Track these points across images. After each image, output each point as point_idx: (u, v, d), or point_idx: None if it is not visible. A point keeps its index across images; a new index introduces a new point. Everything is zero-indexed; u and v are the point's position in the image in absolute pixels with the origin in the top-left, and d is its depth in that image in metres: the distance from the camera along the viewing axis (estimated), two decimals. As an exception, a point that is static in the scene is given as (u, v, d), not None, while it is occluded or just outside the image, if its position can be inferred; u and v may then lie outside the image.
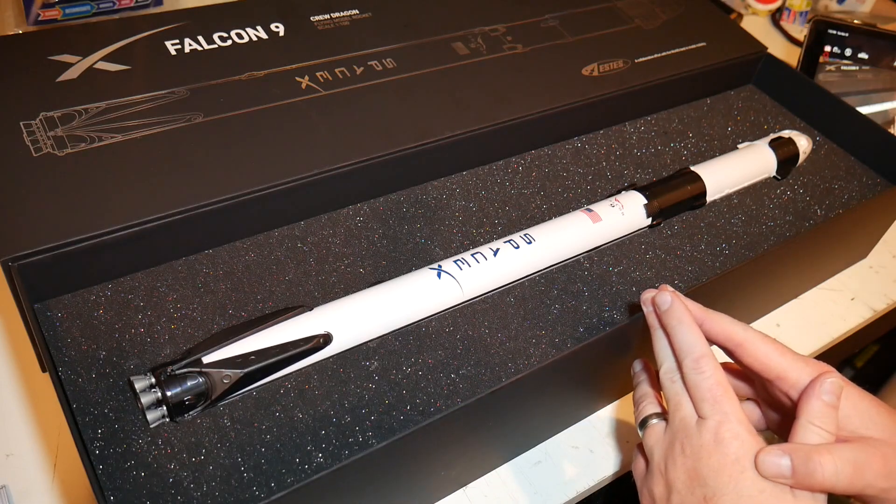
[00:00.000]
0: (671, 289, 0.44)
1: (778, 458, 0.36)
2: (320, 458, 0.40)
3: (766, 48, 0.71)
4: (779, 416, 0.44)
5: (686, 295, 0.49)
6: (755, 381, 0.45)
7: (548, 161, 0.60)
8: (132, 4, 0.82)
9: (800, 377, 0.39)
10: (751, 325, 0.62)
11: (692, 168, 0.58)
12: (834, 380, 0.38)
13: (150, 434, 0.40)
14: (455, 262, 0.48)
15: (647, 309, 0.44)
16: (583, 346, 0.44)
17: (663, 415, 0.43)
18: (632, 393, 0.46)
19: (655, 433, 0.42)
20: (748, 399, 0.46)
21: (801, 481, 0.36)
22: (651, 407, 0.44)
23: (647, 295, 0.44)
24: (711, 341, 0.42)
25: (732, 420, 0.38)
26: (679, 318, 0.41)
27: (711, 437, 0.38)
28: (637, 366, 0.48)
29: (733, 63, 0.69)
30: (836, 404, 0.38)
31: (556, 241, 0.51)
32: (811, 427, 0.37)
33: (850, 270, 0.70)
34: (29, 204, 0.44)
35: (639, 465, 0.43)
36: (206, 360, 0.40)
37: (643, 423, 0.43)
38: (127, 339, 0.44)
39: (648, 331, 0.50)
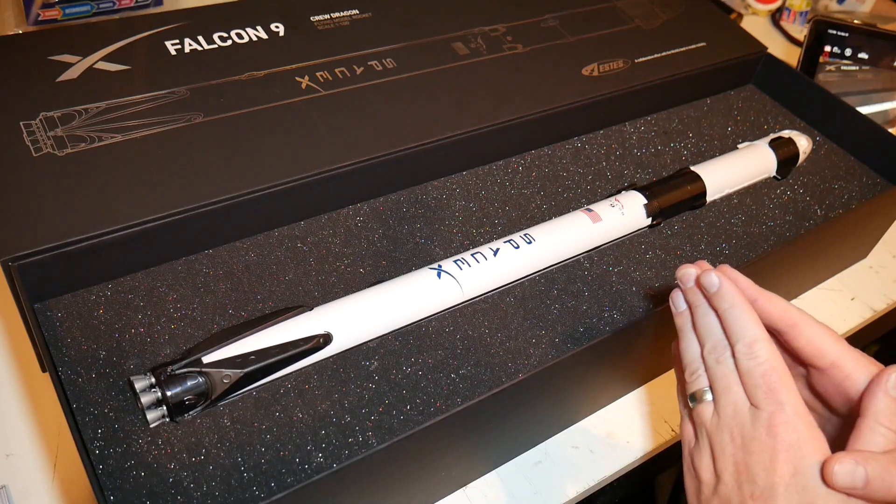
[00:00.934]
0: (711, 267, 0.39)
1: (852, 468, 0.32)
2: (320, 458, 0.40)
3: (766, 48, 0.71)
4: (823, 409, 0.41)
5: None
6: (798, 369, 0.41)
7: (548, 161, 0.60)
8: (132, 4, 0.82)
9: (855, 368, 0.36)
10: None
11: (692, 168, 0.58)
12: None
13: (150, 434, 0.40)
14: (455, 262, 0.48)
15: (689, 285, 0.40)
16: (583, 348, 0.44)
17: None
18: (676, 351, 0.42)
19: (706, 412, 0.38)
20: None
21: (873, 494, 0.32)
22: (704, 380, 0.39)
23: (687, 272, 0.40)
24: (763, 321, 0.38)
25: (789, 411, 0.35)
26: (731, 300, 0.38)
27: (764, 430, 0.35)
28: (685, 325, 0.42)
29: (733, 63, 0.69)
30: None
31: (556, 241, 0.51)
32: (879, 428, 0.34)
33: (850, 270, 0.70)
34: (29, 204, 0.44)
35: (686, 432, 0.40)
36: (206, 360, 0.40)
37: (693, 397, 0.39)
38: (127, 339, 0.44)
39: (648, 331, 0.50)
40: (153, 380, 0.39)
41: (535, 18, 0.68)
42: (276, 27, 0.61)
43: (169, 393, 0.39)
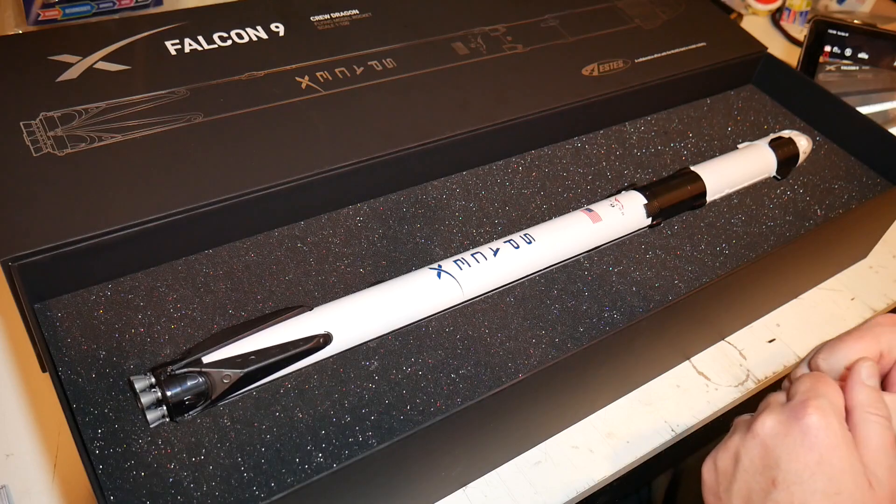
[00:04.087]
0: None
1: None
2: (320, 458, 0.40)
3: (766, 48, 0.71)
4: None
5: (686, 296, 0.49)
6: None
7: (548, 161, 0.60)
8: (132, 4, 0.82)
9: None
10: (751, 325, 0.63)
11: (692, 168, 0.58)
12: (869, 363, 0.36)
13: (150, 434, 0.40)
14: (455, 262, 0.48)
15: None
16: (583, 348, 0.44)
17: None
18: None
19: (745, 415, 0.39)
20: None
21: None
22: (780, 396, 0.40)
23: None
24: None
25: (823, 401, 0.35)
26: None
27: (792, 413, 0.35)
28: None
29: (733, 63, 0.69)
30: (877, 386, 0.36)
31: (556, 241, 0.51)
32: (869, 417, 0.35)
33: (850, 270, 0.70)
34: (29, 204, 0.44)
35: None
36: (206, 359, 0.40)
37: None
38: (127, 339, 0.44)
39: (648, 331, 0.50)
40: (153, 380, 0.39)
41: (535, 18, 0.68)
42: (276, 27, 0.61)
43: (169, 393, 0.39)
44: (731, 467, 0.37)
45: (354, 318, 0.44)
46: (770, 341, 0.62)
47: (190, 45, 0.58)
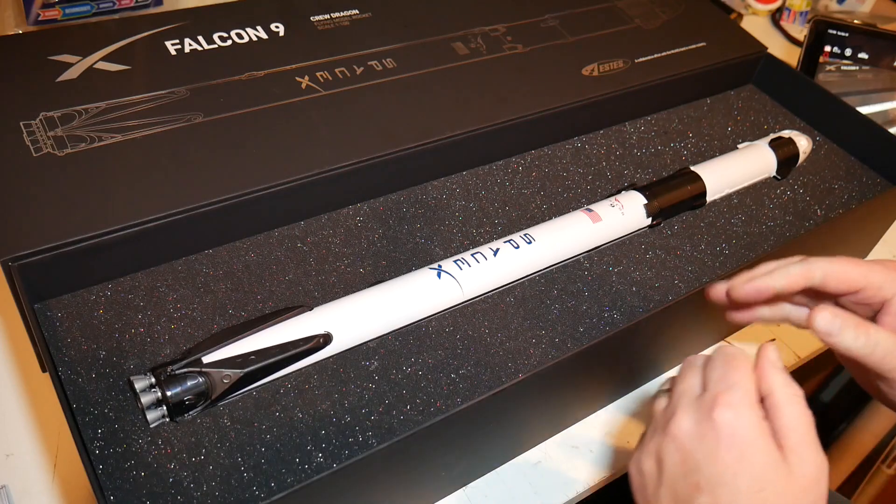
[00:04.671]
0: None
1: (830, 318, 0.36)
2: (320, 458, 0.40)
3: (766, 48, 0.71)
4: None
5: (687, 295, 0.49)
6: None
7: (548, 161, 0.60)
8: (132, 4, 0.82)
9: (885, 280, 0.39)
10: (751, 324, 0.63)
11: (692, 168, 0.58)
12: (775, 346, 0.37)
13: (150, 434, 0.40)
14: (455, 262, 0.48)
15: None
16: (583, 348, 0.44)
17: None
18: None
19: (661, 402, 0.39)
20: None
21: (851, 347, 0.36)
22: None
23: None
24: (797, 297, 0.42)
25: (734, 394, 0.34)
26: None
27: (707, 412, 0.34)
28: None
29: (733, 63, 0.69)
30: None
31: (556, 241, 0.51)
32: (785, 398, 0.35)
33: (850, 270, 0.69)
34: (29, 204, 0.44)
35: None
36: (206, 359, 0.40)
37: (660, 392, 0.40)
38: (127, 339, 0.44)
39: (649, 331, 0.50)
40: (153, 380, 0.39)
41: (535, 18, 0.68)
42: (276, 27, 0.61)
43: (169, 393, 0.39)
44: (656, 471, 0.36)
45: (354, 318, 0.44)
46: (770, 341, 0.62)
47: (190, 45, 0.58)
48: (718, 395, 0.35)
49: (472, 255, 0.48)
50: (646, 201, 0.54)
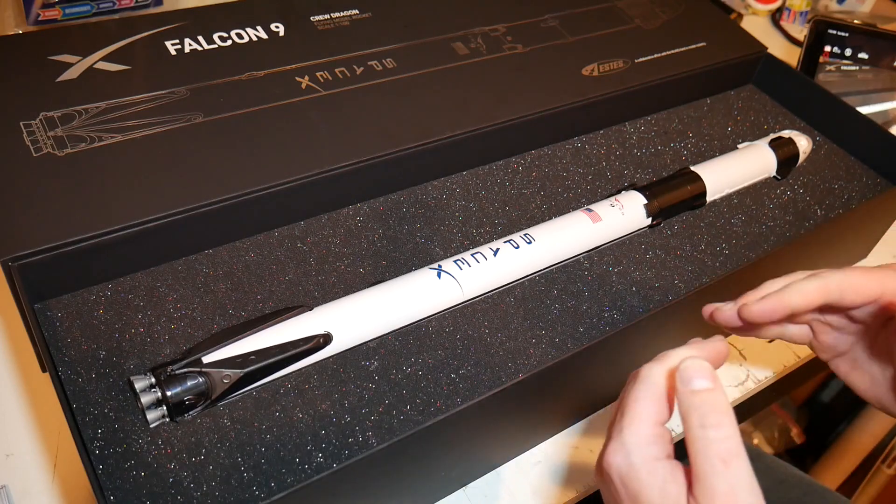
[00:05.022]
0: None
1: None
2: (320, 458, 0.40)
3: (766, 48, 0.71)
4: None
5: (687, 296, 0.49)
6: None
7: (548, 161, 0.60)
8: (132, 4, 0.82)
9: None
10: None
11: (692, 168, 0.58)
12: (693, 362, 0.31)
13: (150, 434, 0.40)
14: (455, 262, 0.48)
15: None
16: (583, 348, 0.44)
17: None
18: None
19: None
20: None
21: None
22: None
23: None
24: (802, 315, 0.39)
25: (623, 436, 0.31)
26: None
27: (603, 455, 0.32)
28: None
29: (733, 63, 0.69)
30: (709, 385, 0.30)
31: (556, 241, 0.51)
32: (699, 433, 0.29)
33: (850, 270, 0.69)
34: (29, 204, 0.44)
35: None
36: (206, 359, 0.40)
37: None
38: (127, 339, 0.44)
39: (648, 331, 0.50)
40: (153, 380, 0.39)
41: (535, 18, 0.68)
42: (276, 27, 0.61)
43: (169, 393, 0.39)
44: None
45: (354, 318, 0.44)
46: (770, 341, 0.62)
47: (190, 45, 0.58)
48: (608, 439, 0.32)
49: (472, 255, 0.48)
50: (646, 201, 0.54)
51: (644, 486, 0.30)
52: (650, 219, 0.55)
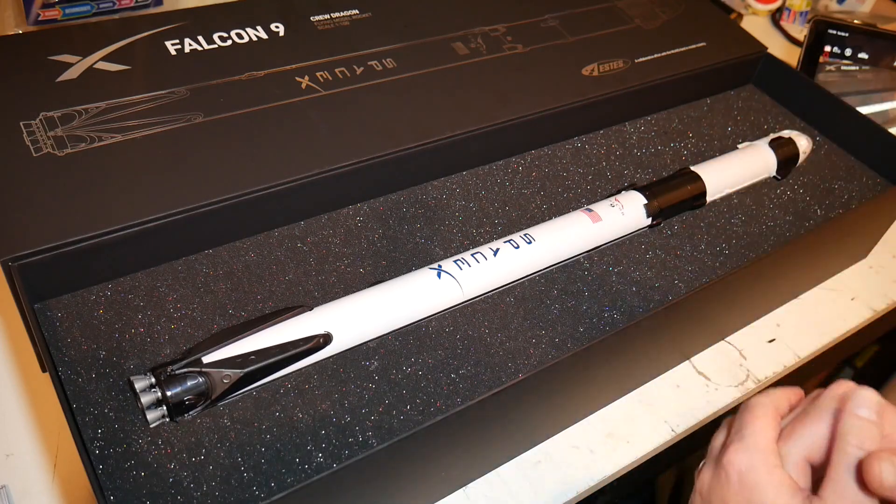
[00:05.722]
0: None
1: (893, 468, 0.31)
2: (320, 458, 0.40)
3: (766, 48, 0.71)
4: None
5: (687, 296, 0.49)
6: None
7: (548, 161, 0.60)
8: (132, 4, 0.82)
9: None
10: (751, 325, 0.63)
11: (692, 168, 0.58)
12: (867, 393, 0.34)
13: (150, 434, 0.40)
14: (455, 262, 0.48)
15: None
16: (583, 348, 0.44)
17: None
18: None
19: (717, 439, 0.39)
20: None
21: None
22: None
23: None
24: None
25: (747, 437, 0.34)
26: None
27: (718, 459, 0.34)
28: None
29: (733, 63, 0.69)
30: (873, 418, 0.33)
31: (556, 241, 0.51)
32: (849, 449, 0.32)
33: (849, 270, 0.70)
34: (29, 204, 0.44)
35: None
36: (206, 359, 0.40)
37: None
38: (127, 339, 0.44)
39: (648, 331, 0.50)
40: (153, 380, 0.39)
41: (535, 18, 0.68)
42: (276, 27, 0.61)
43: (169, 393, 0.39)
44: None
45: (354, 318, 0.44)
46: (770, 341, 0.62)
47: (190, 45, 0.58)
48: (729, 443, 0.35)
49: (472, 255, 0.48)
50: (646, 201, 0.54)
51: (762, 483, 0.33)
52: (650, 219, 0.55)
